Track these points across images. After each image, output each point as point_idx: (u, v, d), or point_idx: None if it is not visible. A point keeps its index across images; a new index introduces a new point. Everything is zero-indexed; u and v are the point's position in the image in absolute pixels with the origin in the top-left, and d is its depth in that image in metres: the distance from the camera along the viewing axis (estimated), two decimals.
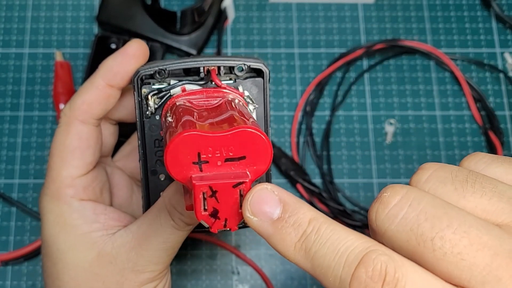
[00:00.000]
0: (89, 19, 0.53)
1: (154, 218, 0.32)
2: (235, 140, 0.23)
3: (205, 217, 0.24)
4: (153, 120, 0.32)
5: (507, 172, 0.24)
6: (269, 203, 0.23)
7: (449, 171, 0.23)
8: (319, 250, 0.22)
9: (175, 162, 0.23)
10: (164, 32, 0.50)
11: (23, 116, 0.50)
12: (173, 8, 0.53)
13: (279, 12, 0.53)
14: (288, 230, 0.23)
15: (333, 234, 0.22)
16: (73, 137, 0.34)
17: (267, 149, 0.24)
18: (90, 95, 0.34)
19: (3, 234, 0.47)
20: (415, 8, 0.54)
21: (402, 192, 0.22)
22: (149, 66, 0.31)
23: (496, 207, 0.22)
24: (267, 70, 0.31)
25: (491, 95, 0.51)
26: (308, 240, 0.22)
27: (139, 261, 0.32)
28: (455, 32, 0.53)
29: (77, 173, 0.34)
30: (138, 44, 0.34)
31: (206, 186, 0.23)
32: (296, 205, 0.23)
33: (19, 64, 0.51)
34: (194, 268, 0.46)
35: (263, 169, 0.24)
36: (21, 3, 0.53)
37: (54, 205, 0.34)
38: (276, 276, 0.46)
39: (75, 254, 0.33)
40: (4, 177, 0.48)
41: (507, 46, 0.53)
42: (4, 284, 0.45)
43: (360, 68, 0.52)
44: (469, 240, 0.20)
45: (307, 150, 0.49)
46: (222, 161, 0.24)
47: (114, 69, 0.34)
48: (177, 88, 0.30)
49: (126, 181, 0.39)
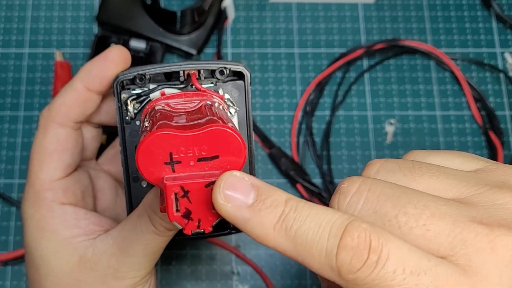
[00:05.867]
0: (89, 19, 0.53)
1: (135, 224, 0.31)
2: (207, 139, 0.23)
3: (178, 218, 0.23)
4: (133, 125, 0.31)
5: (443, 160, 0.25)
6: (242, 188, 0.23)
7: (395, 162, 0.24)
8: (301, 227, 0.22)
9: (147, 162, 0.23)
10: (164, 32, 0.50)
11: (23, 116, 0.50)
12: (173, 8, 0.53)
13: (279, 12, 0.53)
14: (266, 212, 0.22)
15: (311, 210, 0.22)
16: (50, 139, 0.34)
17: (240, 147, 0.23)
18: (68, 98, 0.34)
19: (3, 234, 0.46)
20: (415, 8, 0.54)
21: (359, 180, 0.23)
22: (128, 71, 0.31)
23: (445, 184, 0.23)
24: (248, 72, 0.31)
25: (491, 95, 0.51)
26: (288, 219, 0.22)
27: (120, 268, 0.32)
28: (455, 32, 0.53)
29: (56, 175, 0.34)
30: (118, 50, 0.34)
31: (177, 186, 0.23)
32: (269, 188, 0.23)
33: (19, 64, 0.51)
34: (194, 268, 0.46)
35: (237, 168, 0.24)
36: (21, 3, 0.53)
37: (34, 210, 0.33)
38: (276, 276, 0.46)
39: (56, 260, 0.33)
40: (4, 177, 0.48)
41: (507, 46, 0.53)
42: (4, 284, 0.45)
43: (360, 68, 0.52)
44: (430, 212, 0.21)
45: (307, 150, 0.49)
46: (195, 161, 0.23)
47: (93, 73, 0.33)
48: (156, 92, 0.30)
49: (110, 185, 0.39)
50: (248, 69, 0.31)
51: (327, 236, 0.21)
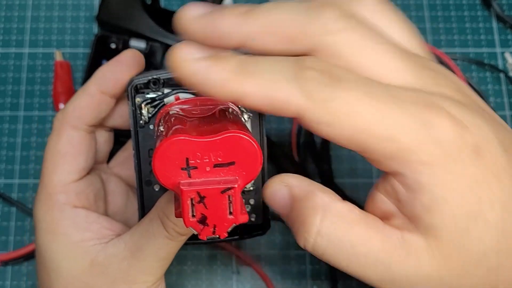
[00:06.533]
0: (89, 19, 0.53)
1: (147, 228, 0.31)
2: (223, 145, 0.23)
3: (193, 223, 0.23)
4: (147, 129, 0.31)
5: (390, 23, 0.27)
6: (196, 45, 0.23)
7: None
8: (262, 63, 0.22)
9: (163, 168, 0.23)
10: (164, 32, 0.50)
11: (22, 116, 0.50)
12: (173, 8, 0.53)
13: None
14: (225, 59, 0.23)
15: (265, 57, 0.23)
16: (64, 142, 0.34)
17: (256, 154, 0.23)
18: (82, 101, 0.34)
19: (3, 234, 0.46)
20: (416, 8, 0.54)
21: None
22: (143, 75, 0.31)
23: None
24: None
25: (492, 95, 0.51)
26: (248, 60, 0.23)
27: (131, 272, 0.32)
28: (455, 32, 0.53)
29: (69, 178, 0.34)
30: (132, 53, 0.34)
31: (193, 192, 0.23)
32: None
33: (18, 64, 0.51)
34: (194, 268, 0.46)
35: (253, 174, 0.24)
36: (21, 3, 0.53)
37: (46, 213, 0.33)
38: (276, 276, 0.46)
39: (68, 264, 0.33)
40: (4, 177, 0.48)
41: (508, 46, 0.53)
42: (4, 284, 0.45)
43: None
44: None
45: (307, 150, 0.49)
46: (211, 167, 0.23)
47: (106, 76, 0.33)
48: (171, 97, 0.30)
49: (121, 188, 0.39)
50: None
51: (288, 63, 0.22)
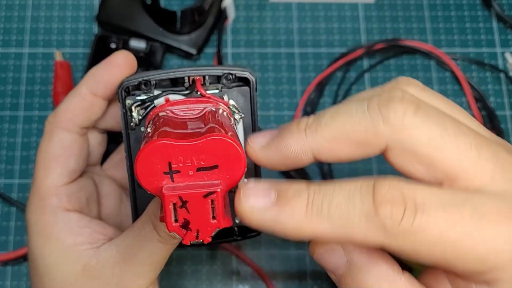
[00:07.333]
0: (89, 19, 0.53)
1: (139, 232, 0.31)
2: (206, 148, 0.23)
3: (176, 228, 0.23)
4: (138, 131, 0.31)
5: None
6: (261, 191, 0.23)
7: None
8: (331, 203, 0.22)
9: (145, 172, 0.23)
10: (164, 32, 0.50)
11: (22, 116, 0.49)
12: (173, 7, 0.53)
13: (279, 11, 0.53)
14: (292, 201, 0.22)
15: (335, 186, 0.22)
16: (55, 144, 0.34)
17: (239, 157, 0.23)
18: (74, 103, 0.34)
19: (3, 234, 0.46)
20: (416, 8, 0.54)
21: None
22: (133, 77, 0.30)
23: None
24: (254, 78, 0.30)
25: (492, 95, 0.51)
26: (316, 201, 0.22)
27: (123, 276, 0.32)
28: (455, 32, 0.53)
29: (61, 181, 0.33)
30: (123, 55, 0.33)
31: (175, 196, 0.22)
32: (287, 181, 0.23)
33: (18, 64, 0.51)
34: (194, 268, 0.46)
35: (237, 178, 0.23)
36: (21, 3, 0.53)
37: (39, 217, 0.33)
38: (276, 276, 0.46)
39: (60, 269, 0.32)
40: (4, 177, 0.48)
41: (508, 46, 0.53)
42: (4, 284, 0.45)
43: (361, 68, 0.52)
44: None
45: None
46: (194, 171, 0.23)
47: (97, 77, 0.33)
48: (161, 98, 0.30)
49: (115, 191, 0.39)
50: (254, 74, 0.31)
51: (360, 201, 0.21)
